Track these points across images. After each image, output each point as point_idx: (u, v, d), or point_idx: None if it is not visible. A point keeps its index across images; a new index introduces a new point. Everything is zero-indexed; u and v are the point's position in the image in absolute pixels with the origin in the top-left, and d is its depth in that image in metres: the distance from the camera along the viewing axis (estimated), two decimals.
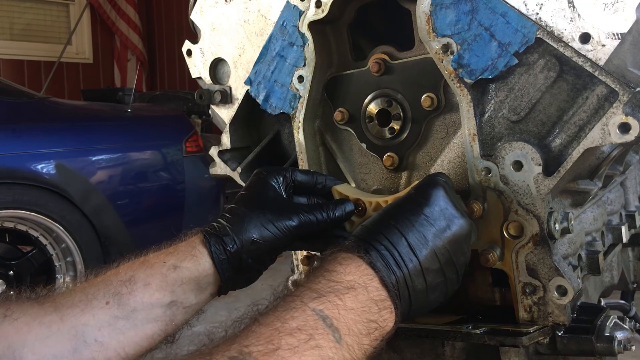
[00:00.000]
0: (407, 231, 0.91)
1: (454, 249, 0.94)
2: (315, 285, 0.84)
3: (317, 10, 1.17)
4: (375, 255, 0.88)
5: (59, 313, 0.92)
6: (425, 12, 1.06)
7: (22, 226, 3.69)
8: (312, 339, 0.76)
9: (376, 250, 0.89)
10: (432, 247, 0.91)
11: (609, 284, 1.46)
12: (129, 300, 0.95)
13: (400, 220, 0.92)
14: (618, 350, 1.00)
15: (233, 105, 1.32)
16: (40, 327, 0.89)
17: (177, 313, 0.99)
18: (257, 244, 1.01)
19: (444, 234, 0.93)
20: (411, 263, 0.89)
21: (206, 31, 1.33)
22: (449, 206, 0.95)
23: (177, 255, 1.00)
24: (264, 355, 0.72)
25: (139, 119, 4.65)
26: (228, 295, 1.07)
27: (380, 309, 0.85)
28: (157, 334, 0.97)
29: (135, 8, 9.31)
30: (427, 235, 0.91)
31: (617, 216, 1.45)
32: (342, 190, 1.13)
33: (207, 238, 1.01)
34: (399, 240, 0.90)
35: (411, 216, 0.93)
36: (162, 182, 4.34)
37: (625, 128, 0.94)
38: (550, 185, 1.01)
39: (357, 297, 0.84)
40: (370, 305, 0.85)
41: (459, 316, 1.12)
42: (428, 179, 1.00)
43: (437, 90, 1.12)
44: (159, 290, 0.97)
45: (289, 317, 0.78)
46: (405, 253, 0.89)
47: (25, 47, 8.61)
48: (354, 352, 0.80)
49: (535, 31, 0.99)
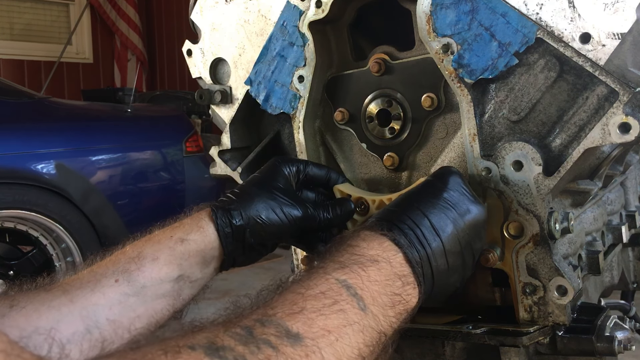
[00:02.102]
0: (430, 212, 0.92)
1: (472, 233, 0.95)
2: (339, 257, 0.84)
3: (317, 10, 1.17)
4: (398, 233, 0.89)
5: (68, 295, 0.91)
6: (426, 12, 1.06)
7: (22, 226, 3.69)
8: (336, 303, 0.76)
9: (399, 228, 0.89)
10: (454, 229, 0.92)
11: (609, 284, 1.46)
12: (138, 277, 0.96)
13: (422, 202, 0.93)
14: (618, 350, 1.00)
15: (233, 105, 1.32)
16: (50, 311, 0.88)
17: (184, 287, 1.00)
18: (261, 225, 1.02)
19: (464, 217, 0.94)
20: (434, 242, 0.90)
21: (206, 31, 1.33)
22: (467, 192, 0.97)
23: (183, 229, 1.01)
24: (288, 315, 0.72)
25: (139, 119, 4.65)
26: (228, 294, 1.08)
27: (404, 283, 0.86)
28: (165, 308, 0.99)
29: (135, 8, 9.31)
30: (449, 217, 0.92)
31: (617, 216, 1.45)
32: (343, 189, 1.13)
33: (214, 211, 1.02)
34: (422, 220, 0.91)
35: (432, 199, 0.94)
36: (162, 182, 4.34)
37: (625, 128, 0.94)
38: (550, 185, 1.01)
39: (381, 270, 0.84)
40: (394, 278, 0.85)
41: (459, 316, 1.12)
42: (443, 168, 1.02)
43: (437, 90, 1.12)
44: (167, 265, 0.98)
45: (313, 284, 0.78)
46: (429, 232, 0.90)
47: (25, 47, 8.61)
48: (379, 322, 0.80)
49: (536, 31, 0.99)
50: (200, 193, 4.41)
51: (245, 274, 4.65)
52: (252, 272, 4.70)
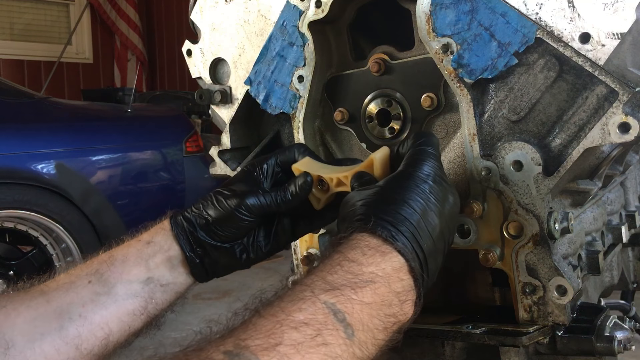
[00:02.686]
0: (422, 210, 0.85)
1: (452, 223, 0.91)
2: (331, 275, 0.78)
3: (317, 10, 1.17)
4: (402, 238, 0.82)
5: (45, 296, 0.96)
6: (425, 12, 1.06)
7: (22, 226, 3.69)
8: (319, 334, 0.70)
9: (401, 232, 0.82)
10: (440, 225, 0.87)
11: (609, 284, 1.46)
12: (109, 277, 0.99)
13: (411, 200, 0.86)
14: (618, 350, 1.00)
15: (233, 105, 1.32)
16: (28, 310, 0.94)
17: (155, 290, 1.01)
18: (209, 221, 1.02)
19: (446, 210, 0.89)
20: (429, 245, 0.85)
21: (206, 31, 1.33)
22: (444, 180, 0.91)
23: (149, 232, 1.05)
24: (262, 350, 0.66)
25: (139, 119, 4.65)
26: (228, 295, 1.07)
27: (402, 301, 0.80)
28: (137, 309, 1.00)
29: (135, 8, 9.32)
30: (436, 214, 0.87)
31: (617, 216, 1.45)
32: (300, 167, 1.07)
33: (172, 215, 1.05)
34: (417, 220, 0.84)
35: (421, 193, 0.87)
36: (162, 182, 4.34)
37: (625, 128, 0.94)
38: (550, 185, 1.01)
39: (377, 291, 0.78)
40: (391, 298, 0.79)
41: (459, 316, 1.12)
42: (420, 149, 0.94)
43: (437, 90, 1.12)
44: (136, 266, 1.01)
45: (296, 308, 0.72)
46: (425, 235, 0.84)
47: (25, 47, 8.62)
48: (367, 349, 0.75)
49: (535, 31, 0.99)
50: (200, 193, 4.38)
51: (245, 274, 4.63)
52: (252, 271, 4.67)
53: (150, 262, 1.02)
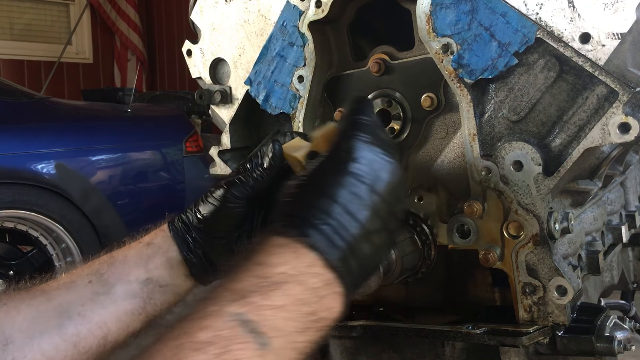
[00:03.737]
0: (340, 196, 0.80)
1: (392, 199, 0.84)
2: (237, 284, 0.73)
3: (317, 10, 1.17)
4: (314, 233, 0.77)
5: (46, 295, 0.97)
6: (425, 12, 1.06)
7: (22, 226, 3.69)
8: (227, 351, 0.65)
9: (313, 226, 0.77)
10: (370, 205, 0.81)
11: (609, 284, 1.46)
12: (109, 277, 1.00)
13: (330, 185, 0.81)
14: (618, 350, 1.00)
15: (233, 105, 1.32)
16: (29, 308, 0.95)
17: (154, 291, 1.01)
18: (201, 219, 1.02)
19: (378, 187, 0.82)
20: (354, 229, 0.79)
21: (206, 31, 1.33)
22: (376, 154, 0.84)
23: (150, 234, 1.05)
24: None
25: (139, 119, 4.65)
26: None
27: (321, 297, 0.75)
28: (136, 310, 1.00)
29: (135, 8, 9.31)
30: (363, 195, 0.81)
31: (617, 216, 1.45)
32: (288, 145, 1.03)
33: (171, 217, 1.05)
34: (334, 208, 0.79)
35: (339, 178, 0.81)
36: (162, 182, 4.34)
37: (625, 128, 0.94)
38: (550, 185, 1.01)
39: (289, 292, 0.73)
40: (307, 296, 0.74)
41: (459, 316, 1.12)
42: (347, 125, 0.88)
43: (437, 90, 1.12)
44: (136, 267, 1.01)
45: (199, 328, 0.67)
46: (345, 220, 0.79)
47: (25, 47, 8.61)
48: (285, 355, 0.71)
49: (535, 31, 0.99)
50: (200, 193, 4.39)
51: None
52: None
53: (149, 263, 1.02)
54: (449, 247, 1.09)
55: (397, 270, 1.05)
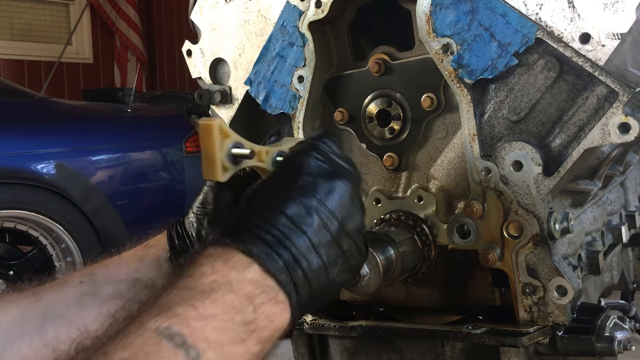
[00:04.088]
0: (285, 206, 0.77)
1: (342, 213, 0.81)
2: (163, 297, 0.69)
3: (317, 10, 1.17)
4: (251, 239, 0.74)
5: (35, 296, 0.97)
6: (425, 12, 1.06)
7: (22, 226, 3.68)
8: None
9: (253, 235, 0.74)
10: (317, 216, 0.78)
11: (609, 284, 1.46)
12: (99, 278, 1.00)
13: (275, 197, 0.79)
14: (618, 350, 1.01)
15: (233, 105, 1.32)
16: (17, 309, 0.94)
17: (141, 293, 0.98)
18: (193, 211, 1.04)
19: (326, 201, 0.79)
20: (299, 239, 0.76)
21: (206, 31, 1.33)
22: (323, 170, 0.82)
23: (153, 238, 1.06)
24: None
25: (139, 119, 4.65)
26: None
27: (258, 304, 0.71)
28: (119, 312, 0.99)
29: (135, 8, 9.31)
30: (310, 205, 0.78)
31: (617, 216, 1.45)
32: None
33: None
34: (277, 217, 0.76)
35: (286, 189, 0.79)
36: (162, 182, 4.34)
37: (625, 128, 0.94)
38: (550, 185, 1.01)
39: (220, 300, 0.69)
40: (241, 304, 0.70)
41: (459, 316, 1.12)
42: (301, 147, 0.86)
43: (437, 91, 1.12)
44: (127, 267, 1.02)
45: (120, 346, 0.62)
46: (289, 230, 0.76)
47: (25, 47, 8.61)
48: None
49: (535, 31, 0.99)
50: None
51: None
52: None
53: (141, 263, 1.02)
54: (449, 247, 1.09)
55: (397, 270, 1.05)
